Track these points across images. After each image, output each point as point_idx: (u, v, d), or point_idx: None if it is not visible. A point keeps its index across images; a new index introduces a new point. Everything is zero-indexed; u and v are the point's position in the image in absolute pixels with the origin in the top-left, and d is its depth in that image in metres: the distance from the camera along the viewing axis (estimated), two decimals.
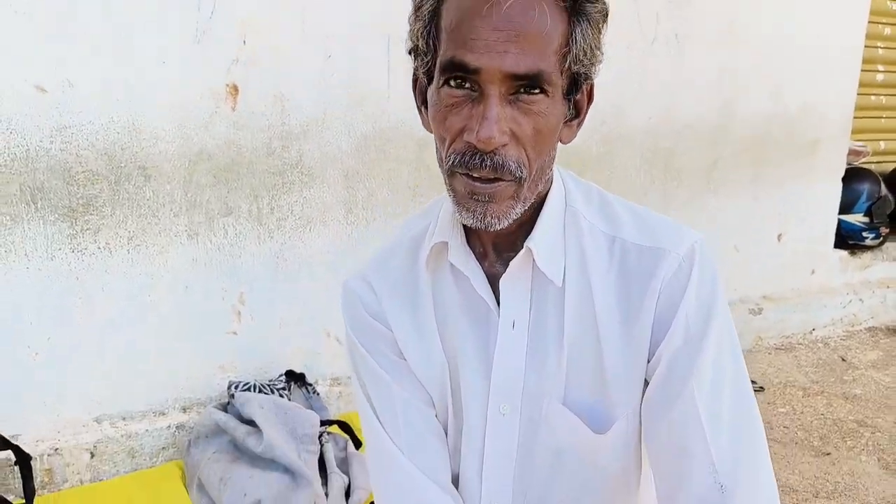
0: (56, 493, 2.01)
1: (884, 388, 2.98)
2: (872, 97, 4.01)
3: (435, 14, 0.90)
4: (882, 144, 4.16)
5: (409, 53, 0.95)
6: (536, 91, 0.87)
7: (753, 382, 2.73)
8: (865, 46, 3.64)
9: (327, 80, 2.21)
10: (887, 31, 3.94)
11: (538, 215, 0.99)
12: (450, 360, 1.06)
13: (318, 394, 2.33)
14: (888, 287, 3.70)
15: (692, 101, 2.92)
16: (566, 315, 1.00)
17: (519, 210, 0.92)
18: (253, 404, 2.04)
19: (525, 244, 0.97)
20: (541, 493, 1.07)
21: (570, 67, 0.88)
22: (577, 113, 0.96)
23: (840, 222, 3.54)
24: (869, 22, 3.52)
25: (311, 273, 2.31)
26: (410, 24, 0.93)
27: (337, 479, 2.01)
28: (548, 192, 1.00)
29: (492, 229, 0.92)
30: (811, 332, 3.47)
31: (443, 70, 0.88)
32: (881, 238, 3.67)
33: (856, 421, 2.69)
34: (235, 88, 2.09)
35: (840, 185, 3.47)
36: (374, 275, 1.10)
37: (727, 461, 0.93)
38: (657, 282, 0.96)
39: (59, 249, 1.97)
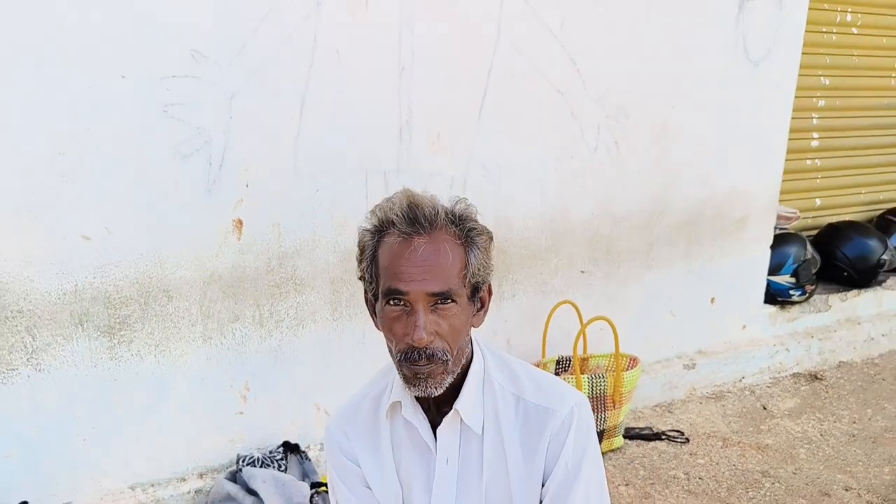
0: None
1: (792, 437, 3.48)
2: (808, 161, 4.48)
3: (374, 256, 1.34)
4: (818, 201, 4.64)
5: (359, 279, 1.40)
6: (448, 301, 1.29)
7: (681, 434, 3.29)
8: (800, 118, 4.11)
9: (315, 209, 2.69)
10: (821, 102, 4.40)
11: (464, 382, 1.42)
12: (403, 487, 1.50)
13: (309, 459, 2.83)
14: (812, 336, 4.20)
15: (630, 195, 3.39)
16: (484, 455, 1.44)
17: (449, 380, 1.36)
18: (257, 479, 2.55)
19: (454, 406, 1.41)
20: None
21: (470, 281, 1.33)
22: (482, 305, 1.41)
23: (769, 283, 4.02)
24: (801, 97, 3.99)
25: (303, 361, 2.81)
26: (358, 261, 1.38)
27: None
28: (470, 362, 1.44)
29: (432, 396, 1.36)
30: (740, 381, 3.97)
31: (384, 295, 1.31)
32: (807, 294, 4.15)
33: (760, 472, 3.18)
34: (240, 222, 2.57)
35: (768, 252, 3.95)
36: (346, 424, 1.54)
37: None
38: (547, 434, 1.41)
39: (101, 359, 2.46)
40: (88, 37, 2.21)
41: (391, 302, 1.29)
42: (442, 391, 1.35)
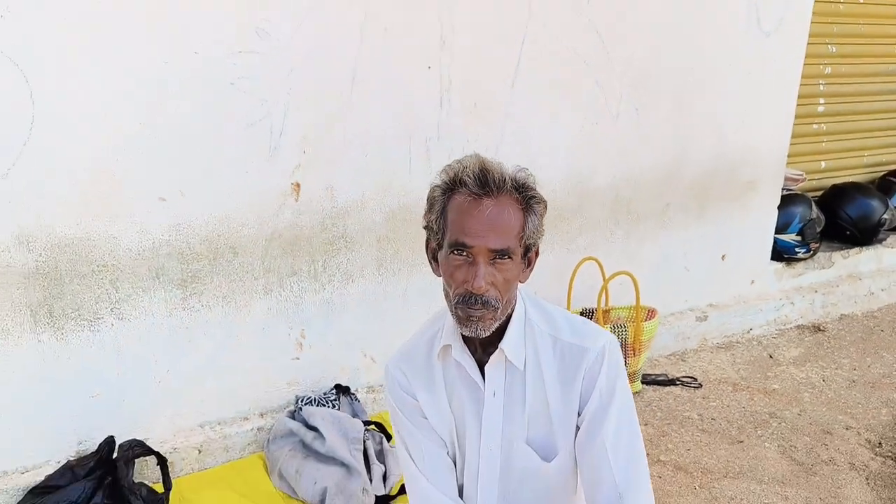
0: (176, 479, 2.79)
1: (797, 383, 3.76)
2: (814, 126, 4.71)
3: (443, 211, 1.51)
4: (823, 164, 4.87)
5: (424, 228, 1.59)
6: (505, 257, 1.48)
7: (694, 379, 3.55)
8: (808, 84, 4.33)
9: (364, 173, 2.93)
10: (827, 70, 4.61)
11: (507, 325, 1.63)
12: (456, 419, 1.72)
13: (358, 400, 3.12)
14: (816, 291, 4.47)
15: (648, 159, 3.63)
16: (527, 388, 1.65)
17: (496, 325, 1.56)
18: (316, 416, 2.83)
19: (499, 345, 1.62)
20: (515, 498, 1.76)
21: (525, 242, 1.53)
22: (529, 264, 1.62)
23: (776, 241, 4.28)
24: (809, 65, 4.20)
25: (352, 312, 3.07)
26: (426, 212, 1.56)
27: (377, 469, 2.80)
28: (513, 310, 1.65)
29: (480, 337, 1.57)
30: (749, 332, 4.25)
31: (450, 245, 1.48)
32: (812, 252, 4.41)
33: (768, 413, 3.47)
34: (298, 185, 2.82)
35: (775, 212, 4.20)
36: (404, 364, 1.74)
37: (622, 479, 1.59)
38: (582, 369, 1.62)
39: (175, 309, 2.72)
40: (164, 16, 2.44)
41: (456, 252, 1.47)
42: (489, 333, 1.55)
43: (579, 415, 1.65)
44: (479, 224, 1.45)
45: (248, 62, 2.61)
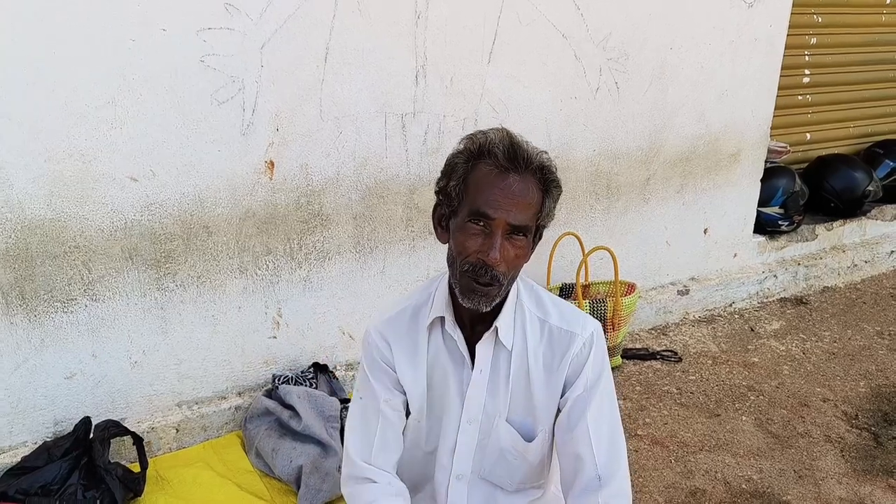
0: (153, 458, 2.80)
1: (777, 356, 3.78)
2: (799, 97, 4.67)
3: (465, 178, 1.50)
4: (808, 136, 4.85)
5: (436, 193, 1.59)
6: (521, 235, 1.50)
7: (674, 353, 3.57)
8: (793, 55, 4.29)
9: (339, 150, 2.90)
10: (813, 40, 4.57)
11: (502, 304, 1.63)
12: (434, 390, 1.73)
13: (336, 378, 3.12)
14: (799, 264, 4.48)
15: (629, 132, 3.60)
16: (512, 368, 1.68)
17: (497, 301, 1.57)
18: (292, 395, 2.83)
19: (494, 323, 1.62)
20: (489, 472, 1.79)
21: (538, 222, 1.55)
22: (532, 245, 1.62)
23: (759, 213, 4.27)
24: (794, 35, 4.17)
25: (329, 290, 3.06)
26: (443, 177, 1.56)
27: None
28: (509, 290, 1.66)
29: (481, 310, 1.57)
30: (730, 305, 4.26)
31: (470, 214, 1.48)
32: (795, 224, 4.41)
33: (746, 386, 3.49)
34: (272, 163, 2.79)
35: (759, 185, 4.18)
36: (388, 331, 1.72)
37: (604, 462, 1.64)
38: (570, 354, 1.65)
39: (149, 289, 2.71)
40: None
41: (474, 221, 1.48)
42: (489, 309, 1.56)
43: (562, 397, 1.68)
44: (503, 197, 1.45)
45: (218, 38, 2.56)
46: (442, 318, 1.67)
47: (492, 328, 1.63)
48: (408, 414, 1.76)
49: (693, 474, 2.87)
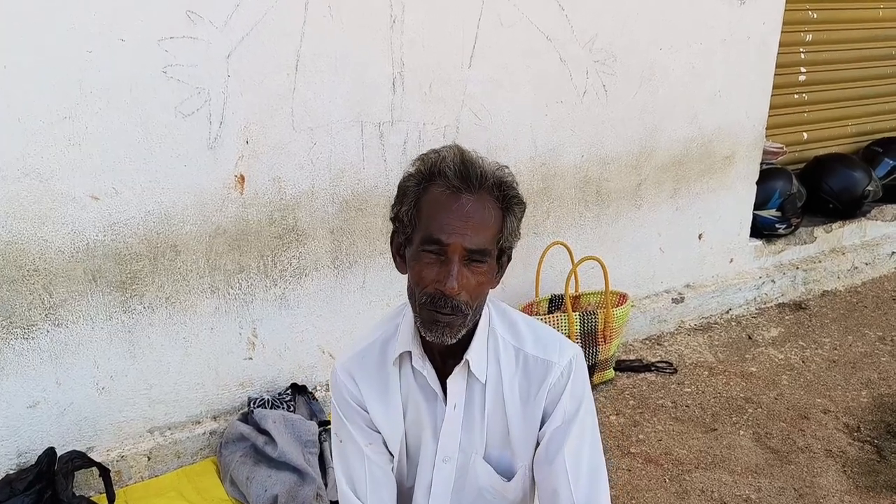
0: (124, 488, 2.68)
1: (776, 365, 3.65)
2: (795, 95, 4.55)
3: (417, 203, 1.39)
4: (805, 135, 4.72)
5: (391, 220, 1.47)
6: (481, 260, 1.37)
7: (669, 364, 3.45)
8: (787, 52, 4.17)
9: (314, 162, 2.78)
10: (808, 37, 4.44)
11: (473, 334, 1.51)
12: (409, 428, 1.62)
13: (316, 399, 2.99)
14: (797, 268, 4.35)
15: (618, 137, 3.47)
16: (486, 401, 1.56)
17: (462, 332, 1.45)
18: (268, 420, 2.71)
19: (465, 356, 1.50)
20: None
21: (500, 244, 1.42)
22: (500, 269, 1.49)
23: (755, 216, 4.14)
24: (789, 32, 4.04)
25: (307, 307, 2.94)
26: (396, 203, 1.44)
27: (333, 473, 2.69)
28: (479, 317, 1.53)
29: (445, 343, 1.44)
30: (727, 312, 4.13)
31: (422, 241, 1.36)
32: (793, 227, 4.28)
33: (744, 398, 3.36)
34: (242, 178, 2.67)
35: (754, 188, 4.05)
36: (355, 369, 1.61)
37: (582, 500, 1.53)
38: (546, 385, 1.53)
39: (115, 312, 2.58)
40: (85, 3, 2.26)
41: (427, 249, 1.36)
42: (454, 341, 1.44)
43: (540, 429, 1.57)
44: (457, 220, 1.34)
45: (181, 48, 2.44)
46: (410, 353, 1.55)
47: (462, 361, 1.51)
48: None
49: (688, 494, 2.74)
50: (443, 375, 1.55)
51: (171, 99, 2.47)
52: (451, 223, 1.34)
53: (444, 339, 1.42)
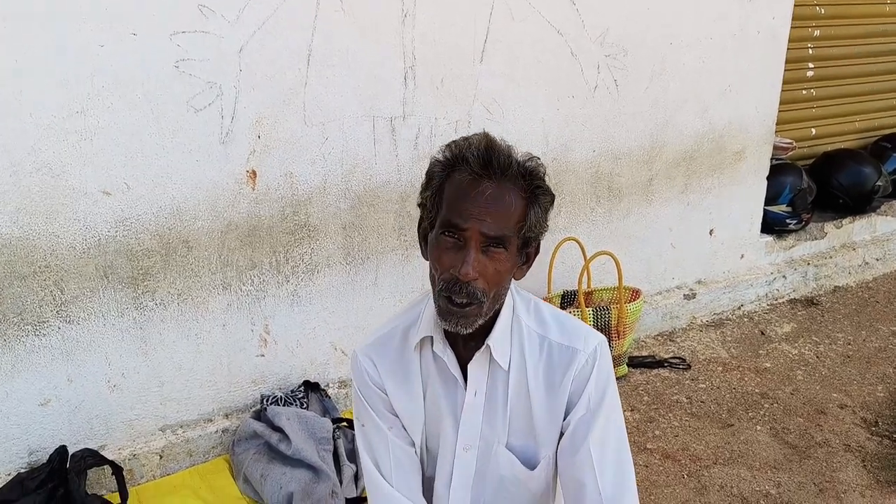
0: (136, 487, 2.66)
1: (790, 360, 3.62)
2: (803, 91, 4.53)
3: (440, 188, 1.39)
4: (813, 131, 4.70)
5: (419, 206, 1.47)
6: (499, 247, 1.36)
7: (682, 360, 3.42)
8: (796, 48, 4.15)
9: (326, 157, 2.76)
10: (816, 32, 4.42)
11: (495, 321, 1.49)
12: (428, 416, 1.60)
13: (329, 396, 2.97)
14: (808, 263, 4.32)
15: (630, 132, 3.45)
16: (510, 389, 1.53)
17: (480, 321, 1.42)
18: (281, 417, 2.68)
19: (486, 342, 1.48)
20: (490, 501, 1.64)
21: (524, 234, 1.39)
22: (527, 260, 1.49)
23: (766, 212, 4.12)
24: (797, 28, 4.02)
25: (319, 304, 2.91)
26: (422, 189, 1.44)
27: (348, 470, 2.66)
28: (502, 305, 1.51)
29: (461, 333, 1.43)
30: (739, 308, 4.10)
31: (442, 225, 1.36)
32: (803, 223, 4.25)
33: (760, 393, 3.33)
34: (254, 173, 2.65)
35: (765, 183, 4.03)
36: (375, 354, 1.60)
37: (609, 490, 1.49)
38: (571, 372, 1.50)
39: (127, 308, 2.56)
40: None
41: (447, 233, 1.36)
42: (471, 331, 1.42)
43: (564, 419, 1.54)
44: (475, 206, 1.33)
45: (193, 42, 2.42)
46: (431, 338, 1.53)
47: (484, 346, 1.49)
48: None
49: (707, 490, 2.72)
50: (464, 362, 1.53)
51: (183, 93, 2.45)
52: (469, 209, 1.33)
53: (459, 329, 1.41)
